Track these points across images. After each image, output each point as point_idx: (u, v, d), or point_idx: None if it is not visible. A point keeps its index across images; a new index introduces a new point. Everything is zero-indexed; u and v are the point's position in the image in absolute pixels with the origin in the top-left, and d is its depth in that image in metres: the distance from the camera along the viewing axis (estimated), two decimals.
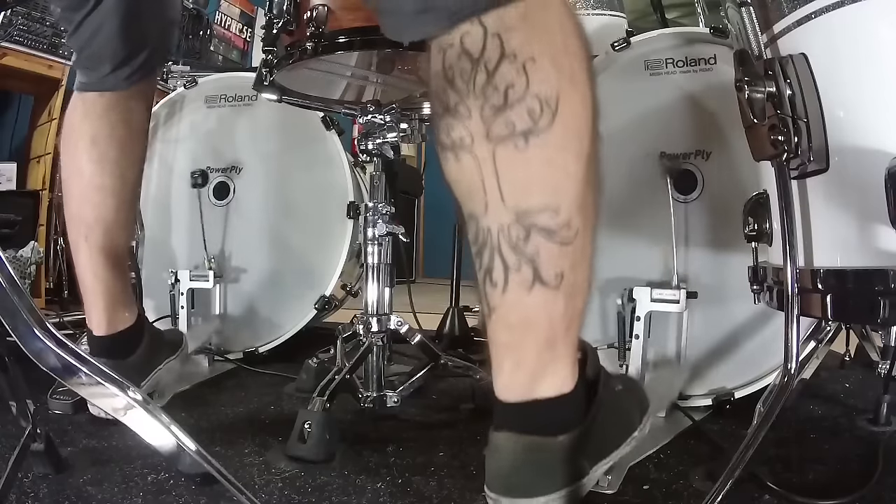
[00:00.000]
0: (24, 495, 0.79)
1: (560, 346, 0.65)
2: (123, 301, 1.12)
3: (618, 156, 1.28)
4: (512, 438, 0.66)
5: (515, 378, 0.66)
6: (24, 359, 0.74)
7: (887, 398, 1.09)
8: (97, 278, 1.08)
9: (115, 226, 1.09)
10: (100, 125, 1.06)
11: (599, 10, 1.73)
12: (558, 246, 0.61)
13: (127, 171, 1.10)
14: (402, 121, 1.21)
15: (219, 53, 3.05)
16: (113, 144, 1.07)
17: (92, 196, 1.08)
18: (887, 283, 0.70)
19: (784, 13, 0.78)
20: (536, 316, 0.63)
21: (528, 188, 0.61)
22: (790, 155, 0.77)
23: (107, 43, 1.02)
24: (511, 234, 0.61)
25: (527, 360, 0.65)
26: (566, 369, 0.67)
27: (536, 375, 0.66)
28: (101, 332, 1.09)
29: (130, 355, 1.11)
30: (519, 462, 0.65)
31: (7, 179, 2.49)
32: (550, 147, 0.60)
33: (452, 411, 1.23)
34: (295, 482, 0.87)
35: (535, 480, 0.65)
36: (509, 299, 0.63)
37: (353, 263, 1.71)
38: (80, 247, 1.09)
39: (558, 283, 0.62)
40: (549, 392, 0.66)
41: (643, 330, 1.17)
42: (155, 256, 1.66)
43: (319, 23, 0.98)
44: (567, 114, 0.59)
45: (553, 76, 0.59)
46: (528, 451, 0.65)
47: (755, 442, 0.77)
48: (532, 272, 0.61)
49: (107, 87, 1.06)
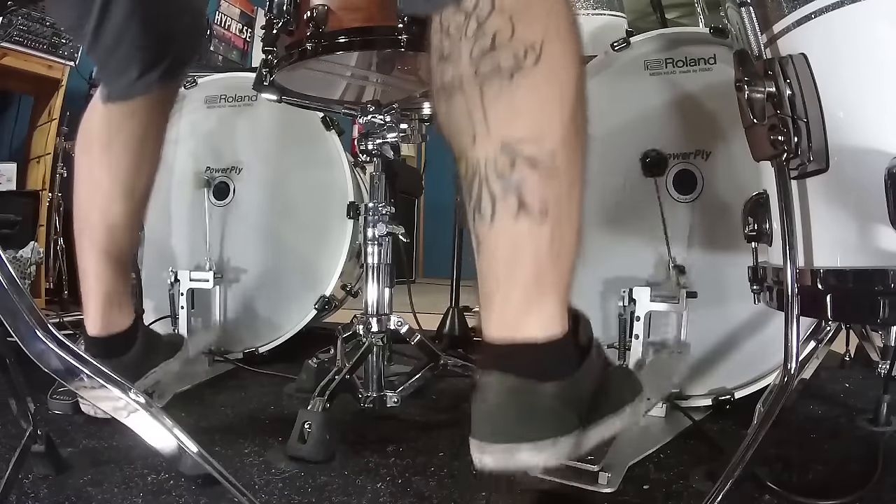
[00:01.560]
0: (25, 496, 0.79)
1: (547, 281, 0.66)
2: (120, 304, 1.12)
3: (617, 155, 1.28)
4: (498, 379, 0.65)
5: (503, 312, 0.67)
6: (25, 359, 0.75)
7: (887, 398, 1.09)
8: (98, 280, 1.08)
9: (120, 231, 1.09)
10: (117, 132, 1.05)
11: (599, 10, 1.73)
12: (543, 176, 0.64)
13: (138, 180, 1.10)
14: (402, 121, 1.21)
15: (219, 53, 3.04)
16: (127, 152, 1.06)
17: (100, 201, 1.08)
18: (887, 283, 0.70)
19: (784, 13, 0.78)
20: (522, 246, 0.65)
21: (513, 119, 0.64)
22: (790, 155, 0.77)
23: (132, 48, 0.99)
24: (497, 162, 0.64)
25: (514, 292, 0.66)
26: (554, 308, 0.66)
27: (523, 312, 0.66)
28: (95, 332, 1.09)
29: (123, 356, 1.12)
30: (504, 404, 0.65)
31: (7, 179, 2.49)
32: (534, 85, 0.64)
33: (452, 411, 1.23)
34: (295, 482, 0.88)
35: (521, 425, 0.64)
36: (496, 229, 0.65)
37: (353, 263, 1.71)
38: (84, 247, 1.09)
39: (543, 213, 0.64)
40: (537, 332, 0.65)
41: (643, 330, 1.17)
42: (155, 256, 1.66)
43: (319, 23, 0.98)
44: (550, 58, 0.64)
45: (538, 27, 0.64)
46: (513, 393, 0.65)
47: (755, 442, 0.77)
48: (517, 201, 0.64)
49: (136, 93, 1.03)
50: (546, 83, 0.64)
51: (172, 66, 1.04)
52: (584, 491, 0.83)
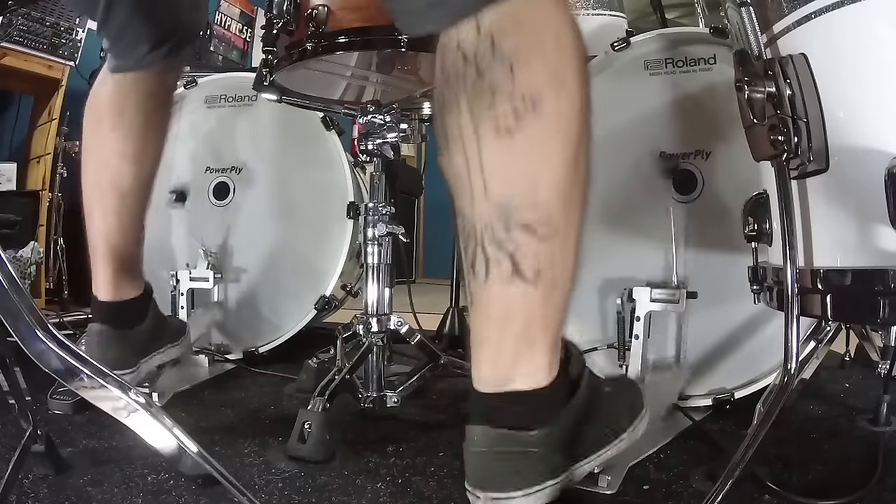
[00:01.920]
0: (25, 496, 0.79)
1: (537, 340, 0.67)
2: (132, 271, 1.12)
3: (618, 156, 1.28)
4: (485, 431, 0.68)
5: (491, 367, 0.68)
6: (25, 359, 0.75)
7: (887, 398, 1.09)
8: (108, 243, 1.08)
9: (130, 194, 1.10)
10: (128, 98, 1.07)
11: (599, 10, 1.73)
12: (537, 241, 0.64)
13: (149, 143, 1.11)
14: (402, 121, 1.20)
15: (219, 53, 3.04)
16: (140, 115, 1.08)
17: (112, 161, 1.08)
18: (887, 283, 0.70)
19: (784, 13, 0.78)
20: (514, 308, 0.66)
21: (509, 181, 0.64)
22: (790, 155, 0.77)
23: (144, 25, 1.03)
24: (493, 227, 0.64)
25: (503, 350, 0.67)
26: (542, 362, 0.68)
27: (512, 366, 0.67)
28: (106, 296, 1.08)
29: (135, 327, 1.11)
30: (491, 455, 0.67)
31: (7, 179, 2.49)
32: (532, 143, 0.63)
33: (452, 411, 1.23)
34: (295, 482, 0.87)
35: (508, 474, 0.67)
36: (489, 291, 0.66)
37: (353, 263, 1.71)
38: (94, 211, 1.09)
39: (536, 278, 0.65)
40: (524, 385, 0.67)
41: (643, 330, 1.17)
42: (155, 256, 1.66)
43: (319, 23, 0.98)
44: (551, 113, 0.62)
45: (540, 75, 0.62)
46: (500, 443, 0.67)
47: (755, 442, 0.77)
48: (511, 266, 0.64)
49: (145, 66, 1.06)
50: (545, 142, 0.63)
51: (179, 43, 1.08)
52: (585, 492, 0.83)
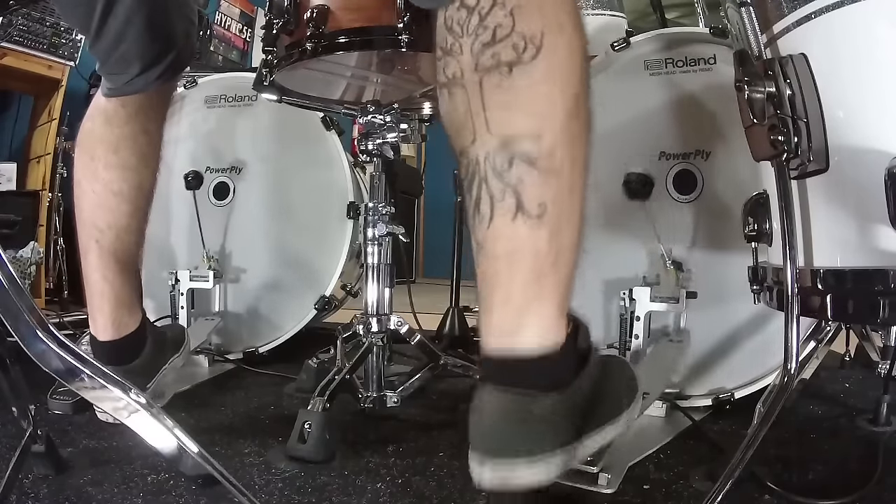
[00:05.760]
0: (25, 496, 0.79)
1: (546, 282, 0.65)
2: (129, 305, 1.11)
3: (618, 156, 1.28)
4: (497, 394, 0.64)
5: (502, 314, 0.66)
6: (25, 359, 0.75)
7: (887, 398, 1.09)
8: (106, 281, 1.08)
9: (127, 231, 1.09)
10: (123, 133, 1.06)
11: (599, 10, 1.73)
12: (541, 175, 0.63)
13: (144, 180, 1.10)
14: (402, 121, 1.20)
15: (219, 53, 3.05)
16: (135, 152, 1.07)
17: (108, 201, 1.07)
18: (887, 283, 0.70)
19: (784, 13, 0.78)
20: (520, 246, 0.64)
21: (512, 115, 0.63)
22: (790, 155, 0.77)
23: (135, 43, 1.01)
24: (496, 161, 0.63)
25: (513, 294, 0.65)
26: (553, 313, 0.65)
27: (523, 311, 0.65)
28: (105, 336, 1.08)
29: (134, 360, 1.11)
30: (502, 419, 0.64)
31: (7, 179, 2.49)
32: (534, 78, 0.63)
33: (452, 411, 1.23)
34: (295, 482, 0.88)
35: (519, 440, 0.64)
36: (494, 229, 0.64)
37: (353, 263, 1.71)
38: (90, 249, 1.08)
39: (541, 214, 0.63)
40: (536, 340, 0.64)
41: (643, 330, 1.17)
42: (155, 256, 1.66)
43: (319, 23, 0.98)
44: (551, 51, 0.63)
45: (538, 20, 0.63)
46: (511, 407, 0.64)
47: (755, 442, 0.77)
48: (515, 201, 0.63)
49: (135, 89, 1.04)
50: (546, 77, 0.63)
51: (172, 66, 1.06)
52: (585, 492, 0.83)
